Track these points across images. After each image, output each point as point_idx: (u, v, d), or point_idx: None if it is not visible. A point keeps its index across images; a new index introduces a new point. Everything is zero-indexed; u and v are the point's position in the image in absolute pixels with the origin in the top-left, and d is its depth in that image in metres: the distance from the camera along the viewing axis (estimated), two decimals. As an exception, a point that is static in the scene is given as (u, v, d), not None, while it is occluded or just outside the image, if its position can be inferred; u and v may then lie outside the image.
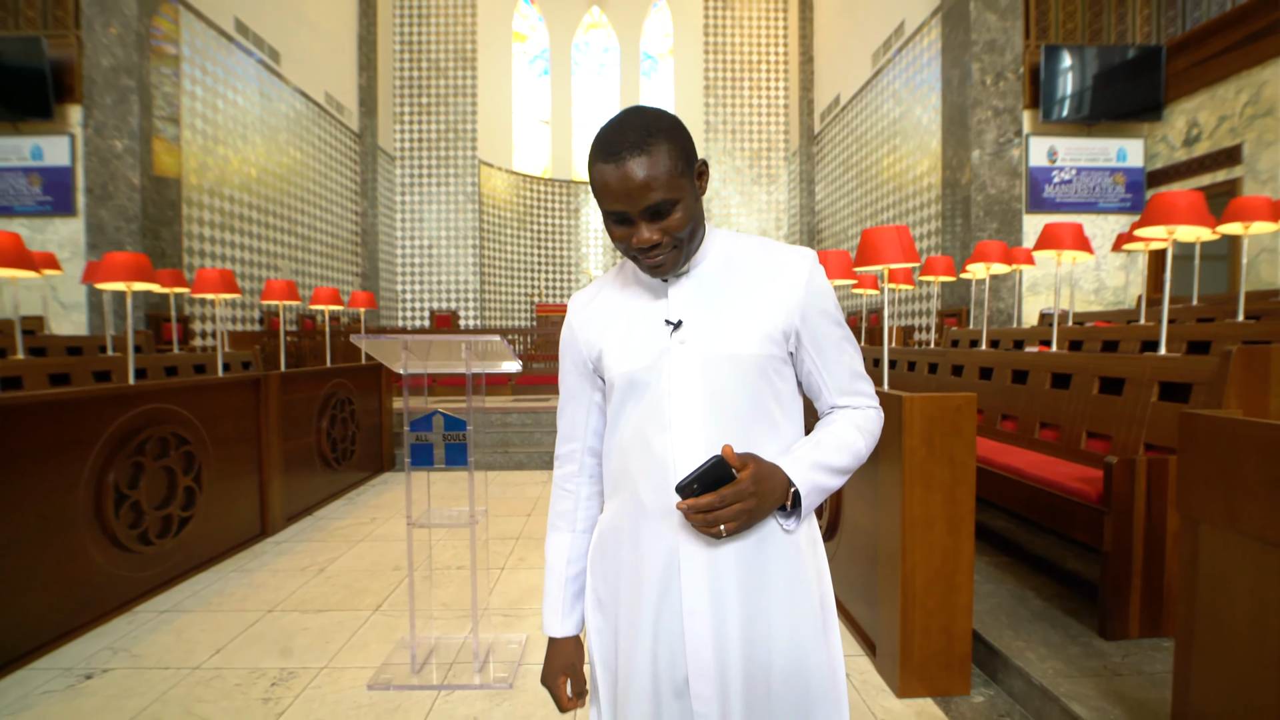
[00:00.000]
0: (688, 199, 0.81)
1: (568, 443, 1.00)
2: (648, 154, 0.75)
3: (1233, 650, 1.38)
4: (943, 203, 7.52)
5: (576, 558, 0.98)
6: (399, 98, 13.62)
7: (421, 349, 2.21)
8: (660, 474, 0.83)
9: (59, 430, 2.52)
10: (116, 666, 2.33)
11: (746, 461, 0.77)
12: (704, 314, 0.86)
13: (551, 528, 1.01)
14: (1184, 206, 2.58)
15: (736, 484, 0.75)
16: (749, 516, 0.77)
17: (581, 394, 0.97)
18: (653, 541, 0.85)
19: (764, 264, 0.89)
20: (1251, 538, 1.32)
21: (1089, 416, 2.68)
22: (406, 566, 3.34)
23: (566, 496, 1.00)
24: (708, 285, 0.88)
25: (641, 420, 0.86)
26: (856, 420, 0.91)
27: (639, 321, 0.89)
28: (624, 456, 0.89)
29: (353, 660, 2.37)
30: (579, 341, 0.94)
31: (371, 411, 5.48)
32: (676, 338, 0.86)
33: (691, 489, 0.75)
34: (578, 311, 0.97)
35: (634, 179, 0.76)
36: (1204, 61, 6.32)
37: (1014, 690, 2.03)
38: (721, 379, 0.84)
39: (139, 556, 2.87)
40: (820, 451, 0.85)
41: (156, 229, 6.90)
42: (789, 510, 0.84)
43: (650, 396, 0.85)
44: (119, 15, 6.66)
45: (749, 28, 13.98)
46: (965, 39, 6.95)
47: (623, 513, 0.89)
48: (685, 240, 0.83)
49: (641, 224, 0.80)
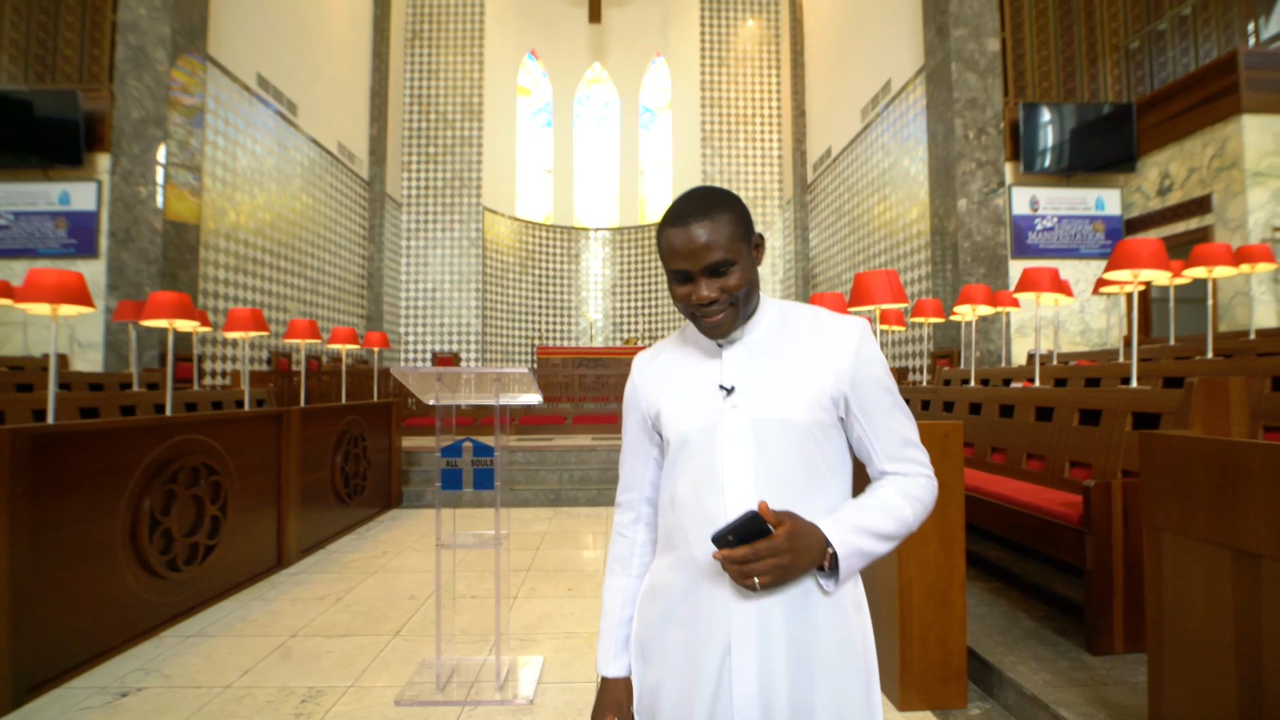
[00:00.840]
0: (744, 263, 0.88)
1: (627, 491, 1.05)
2: (710, 220, 0.85)
3: (1196, 646, 1.54)
4: (932, 249, 7.84)
5: (629, 601, 1.01)
6: (407, 147, 14.14)
7: (453, 381, 2.39)
8: (713, 532, 0.84)
9: (105, 457, 2.67)
10: (150, 686, 2.43)
11: (783, 519, 0.80)
12: (756, 379, 0.90)
13: (609, 571, 1.05)
14: (1146, 253, 2.83)
15: (771, 539, 0.78)
16: (782, 572, 0.79)
17: (640, 448, 1.03)
18: (705, 598, 0.87)
19: (814, 331, 0.93)
20: (1203, 541, 1.50)
21: (1071, 446, 2.87)
22: (422, 596, 3.44)
23: (624, 542, 1.04)
24: (760, 351, 0.93)
25: (696, 480, 0.89)
26: (905, 487, 0.92)
27: (695, 384, 0.94)
28: (678, 513, 0.92)
29: (377, 680, 2.47)
30: (640, 398, 1.00)
31: (382, 449, 5.61)
32: (729, 402, 0.90)
33: (727, 540, 0.78)
34: (641, 370, 1.02)
35: (696, 240, 0.85)
36: (1172, 118, 6.73)
37: (1008, 703, 2.15)
38: (772, 443, 0.87)
39: (167, 582, 2.99)
40: (862, 514, 0.87)
41: (175, 271, 7.14)
42: (827, 571, 0.86)
43: (703, 457, 0.89)
44: (150, 70, 7.05)
45: (744, 83, 14.65)
46: (948, 96, 7.39)
47: (676, 566, 0.92)
48: (741, 301, 0.89)
49: (701, 281, 0.87)
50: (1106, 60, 7.64)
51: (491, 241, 14.54)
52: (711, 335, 0.91)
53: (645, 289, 15.93)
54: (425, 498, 5.96)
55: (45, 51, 7.29)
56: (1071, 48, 7.66)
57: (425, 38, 14.21)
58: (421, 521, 5.27)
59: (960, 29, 7.32)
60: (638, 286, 15.99)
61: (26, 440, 2.31)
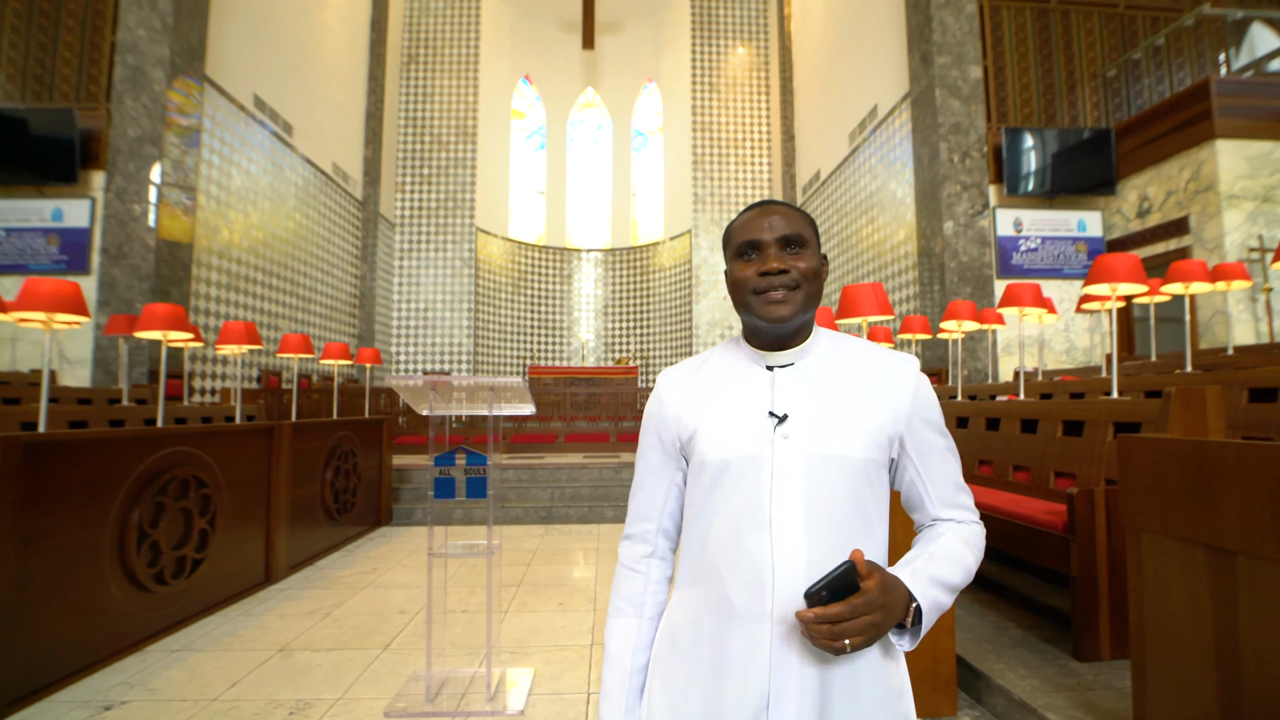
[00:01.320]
0: (815, 259, 0.85)
1: (641, 522, 0.95)
2: (793, 209, 0.87)
3: (1177, 644, 1.57)
4: (919, 269, 7.97)
5: (643, 647, 0.91)
6: (402, 168, 14.26)
7: (446, 391, 2.41)
8: (753, 573, 0.79)
9: (95, 467, 2.66)
10: (134, 699, 2.40)
11: (873, 570, 0.73)
12: (810, 410, 0.84)
13: (615, 611, 0.94)
14: (1122, 267, 2.92)
15: (865, 594, 0.71)
16: (875, 631, 0.72)
17: (663, 473, 0.93)
18: (739, 645, 0.79)
19: (870, 366, 0.88)
20: (1181, 540, 1.54)
21: (1056, 457, 2.91)
22: (412, 611, 3.42)
23: (635, 578, 0.94)
24: (814, 379, 0.87)
25: (736, 513, 0.82)
26: (965, 535, 0.87)
27: (740, 408, 0.86)
28: (709, 549, 0.83)
29: (366, 692, 2.45)
30: (669, 418, 0.91)
31: (372, 466, 5.58)
32: (780, 431, 0.83)
33: (820, 597, 0.70)
34: (672, 387, 0.93)
35: (774, 214, 0.85)
36: (1149, 142, 6.93)
37: (997, 709, 2.17)
38: (825, 479, 0.81)
39: (153, 596, 2.95)
40: (936, 566, 0.81)
41: (167, 288, 7.14)
42: (905, 627, 0.79)
43: (746, 489, 0.82)
44: (148, 90, 7.12)
45: (734, 108, 14.93)
46: (933, 121, 7.57)
47: (705, 609, 0.83)
48: (806, 290, 0.84)
49: (772, 251, 0.83)
50: (1085, 87, 7.88)
51: (484, 262, 14.62)
52: (772, 317, 0.83)
53: (637, 310, 16.02)
54: (416, 515, 5.92)
55: (43, 71, 7.36)
56: (1051, 75, 7.89)
57: (421, 62, 14.42)
58: (411, 539, 5.23)
59: (944, 57, 7.53)
60: (630, 307, 16.08)
61: (18, 448, 2.31)
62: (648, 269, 15.99)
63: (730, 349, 0.94)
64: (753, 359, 0.90)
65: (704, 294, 14.49)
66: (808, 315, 0.87)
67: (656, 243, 15.90)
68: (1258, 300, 6.14)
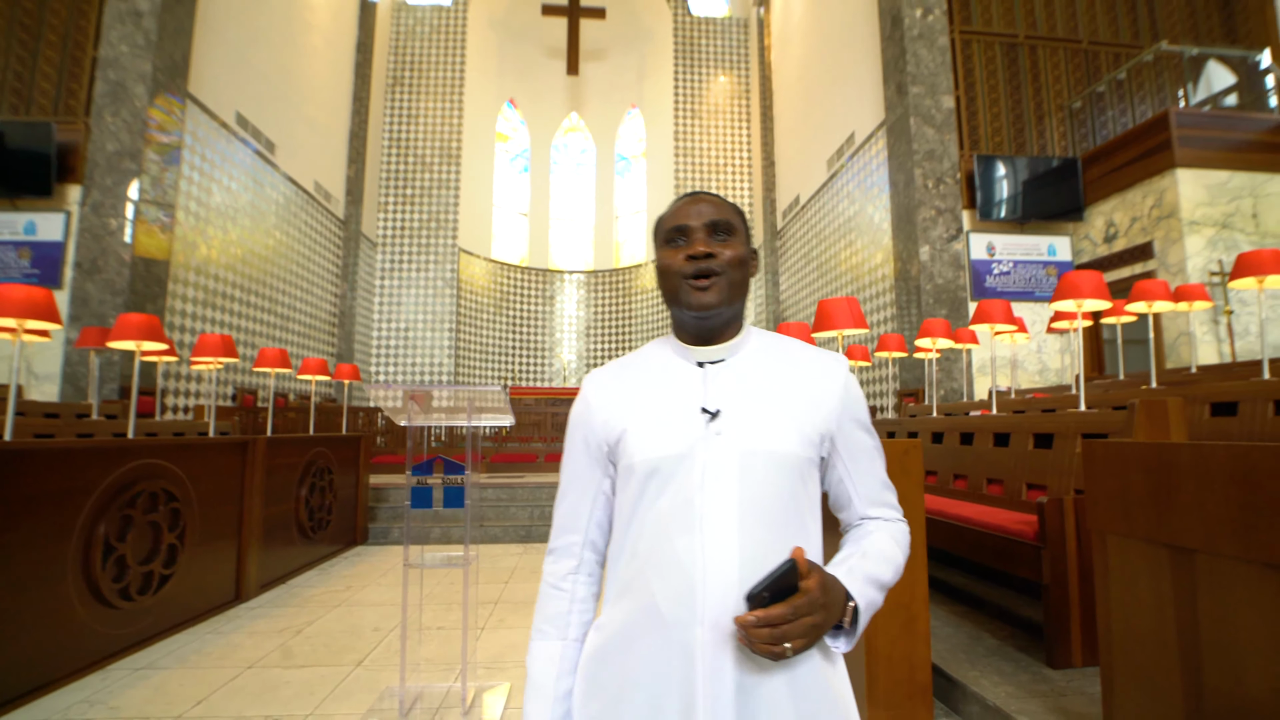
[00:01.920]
0: (742, 248, 0.85)
1: (566, 534, 0.89)
2: (723, 200, 0.87)
3: (1142, 643, 1.60)
4: (896, 291, 8.13)
5: (567, 671, 0.85)
6: (384, 188, 14.28)
7: (425, 401, 2.41)
8: (683, 579, 0.74)
9: (62, 478, 2.60)
10: (95, 717, 2.32)
11: (812, 569, 0.70)
12: (743, 405, 0.81)
13: (538, 634, 0.87)
14: (1086, 284, 3.02)
15: (807, 594, 0.68)
16: (816, 632, 0.69)
17: (590, 480, 0.89)
18: (669, 656, 0.74)
19: (802, 363, 0.87)
20: (1143, 540, 1.58)
21: (1027, 469, 2.97)
22: (386, 629, 3.36)
23: (559, 597, 0.87)
24: (746, 376, 0.85)
25: (665, 516, 0.78)
26: (893, 533, 0.87)
27: (671, 406, 0.83)
28: (639, 556, 0.79)
29: (338, 708, 2.39)
30: (596, 421, 0.87)
31: (349, 484, 5.50)
32: (713, 428, 0.80)
33: (762, 598, 0.67)
34: (598, 389, 0.89)
35: (703, 202, 0.85)
36: (1114, 171, 7.19)
37: (972, 716, 2.18)
38: (758, 477, 0.78)
39: (118, 613, 2.87)
40: (870, 564, 0.80)
41: (142, 303, 7.03)
42: (842, 627, 0.76)
43: (677, 489, 0.78)
44: (129, 105, 7.09)
45: (716, 134, 15.22)
46: (908, 149, 7.79)
47: (632, 621, 0.78)
48: (731, 278, 0.83)
49: (699, 235, 0.83)
50: (1052, 118, 8.17)
51: (466, 282, 14.61)
52: (698, 304, 0.81)
53: (619, 331, 16.08)
54: (392, 535, 5.82)
55: (21, 84, 7.30)
56: (1020, 105, 8.18)
57: (406, 84, 14.54)
58: (387, 557, 5.14)
59: (917, 87, 7.78)
60: (612, 329, 16.13)
61: (-19, 456, 2.26)
62: (630, 291, 16.09)
63: (660, 347, 0.91)
64: (683, 355, 0.87)
65: (686, 315, 14.60)
66: (736, 306, 0.85)
67: (639, 265, 16.03)
68: (1219, 322, 6.35)
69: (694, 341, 0.87)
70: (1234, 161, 6.47)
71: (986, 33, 8.23)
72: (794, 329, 3.11)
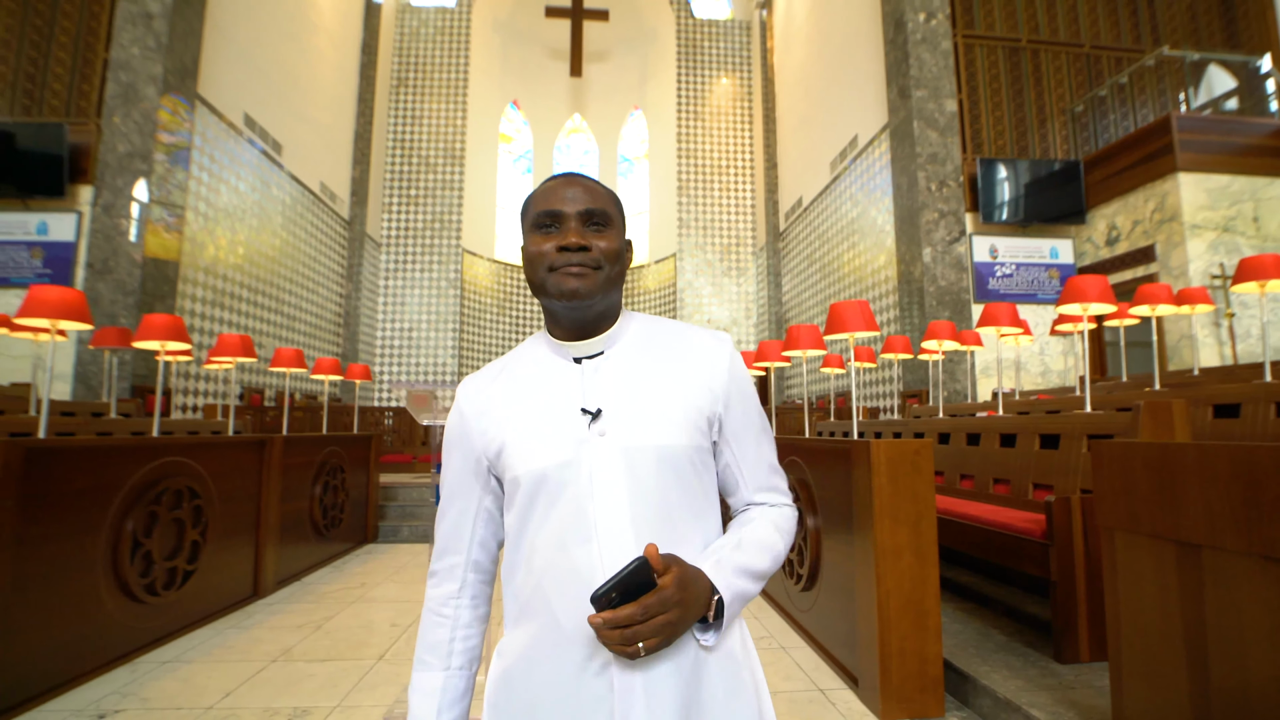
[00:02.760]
0: (618, 240, 0.80)
1: (447, 556, 0.84)
2: (599, 185, 0.81)
3: (1149, 637, 1.67)
4: (899, 293, 8.19)
5: (450, 703, 0.80)
6: (389, 189, 14.35)
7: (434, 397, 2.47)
8: (583, 591, 0.70)
9: (93, 474, 2.67)
10: (128, 708, 2.39)
11: (669, 564, 0.68)
12: (625, 401, 0.78)
13: (420, 664, 0.82)
14: (1092, 289, 3.08)
15: (660, 591, 0.66)
16: (671, 630, 0.67)
17: (469, 496, 0.84)
18: (579, 676, 0.72)
19: (683, 347, 0.83)
20: (1150, 536, 1.65)
21: (1034, 469, 3.04)
22: (404, 624, 3.42)
23: (441, 624, 0.83)
24: (626, 369, 0.81)
25: (557, 528, 0.74)
26: (775, 519, 0.84)
27: (550, 410, 0.79)
28: (534, 574, 0.75)
29: (364, 700, 2.46)
30: (472, 433, 0.82)
31: (360, 483, 5.56)
32: (595, 429, 0.76)
33: (610, 599, 0.65)
34: (472, 398, 0.83)
35: (579, 186, 0.79)
36: (1116, 174, 7.26)
37: (983, 709, 2.24)
38: (648, 474, 0.75)
39: (144, 607, 2.93)
40: (742, 554, 0.77)
41: (152, 303, 7.10)
42: (709, 621, 0.73)
43: (567, 499, 0.74)
44: (139, 106, 7.16)
45: (718, 136, 15.29)
46: (911, 151, 7.86)
47: (536, 641, 0.75)
48: (607, 272, 0.78)
49: (573, 225, 0.77)
50: (1054, 121, 8.24)
51: (470, 283, 14.68)
52: (567, 292, 0.76)
53: (622, 331, 16.12)
54: (401, 533, 5.89)
55: (34, 85, 7.37)
56: (1023, 109, 8.25)
57: (410, 85, 14.60)
58: (398, 555, 5.21)
59: (921, 90, 7.85)
60: (614, 328, 16.18)
61: (20, 452, 2.32)
62: (633, 292, 16.16)
63: (534, 345, 0.86)
64: (558, 353, 0.83)
65: (688, 316, 14.67)
66: (610, 299, 0.81)
67: (641, 266, 16.10)
68: (1221, 325, 6.41)
69: (568, 337, 0.82)
70: (1235, 165, 6.53)
71: (989, 37, 8.30)
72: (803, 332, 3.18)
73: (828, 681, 2.62)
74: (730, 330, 15.00)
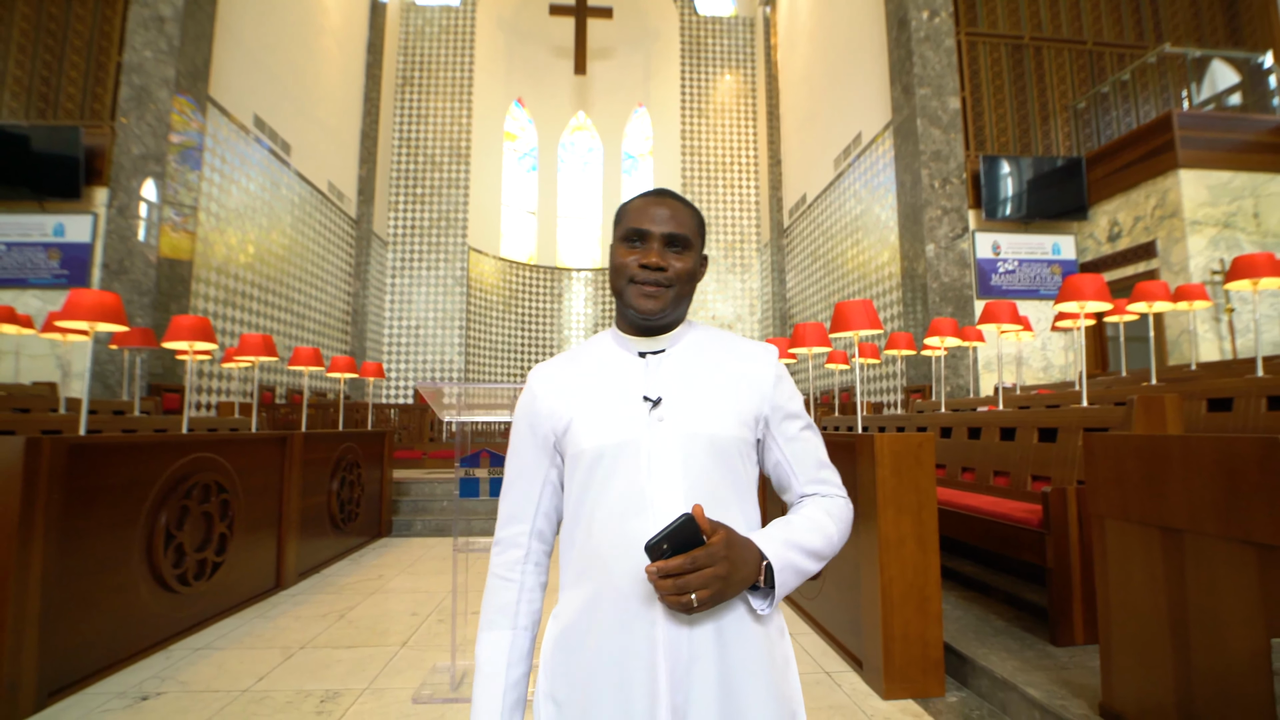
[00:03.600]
0: (694, 260, 0.90)
1: (513, 524, 0.92)
2: (686, 207, 0.90)
3: (1137, 618, 1.77)
4: (903, 289, 8.28)
5: (519, 659, 0.87)
6: (395, 187, 14.46)
7: (466, 396, 2.58)
8: (638, 558, 0.77)
9: (131, 469, 2.79)
10: (168, 691, 2.51)
11: (717, 527, 0.75)
12: (682, 392, 0.87)
13: (487, 624, 0.90)
14: (1089, 287, 3.18)
15: (708, 546, 0.72)
16: (721, 585, 0.73)
17: (537, 470, 0.92)
18: (630, 631, 0.79)
19: (735, 352, 0.93)
20: (1138, 523, 1.75)
21: (1032, 462, 3.14)
22: (423, 613, 3.54)
23: (508, 587, 0.90)
24: (684, 366, 0.90)
25: (616, 500, 0.82)
26: (825, 505, 0.90)
27: (614, 395, 0.88)
28: (592, 541, 0.83)
29: (391, 683, 2.58)
30: (542, 411, 0.90)
31: (374, 479, 5.69)
32: (655, 415, 0.85)
33: (660, 549, 0.71)
34: (543, 380, 0.93)
35: (667, 209, 0.88)
36: (1118, 171, 7.32)
37: (981, 689, 2.35)
38: (700, 458, 0.83)
39: (177, 597, 3.06)
40: (791, 530, 0.83)
41: (167, 303, 7.23)
42: (760, 588, 0.81)
43: (625, 475, 0.83)
44: (153, 109, 7.28)
45: (722, 133, 15.35)
46: (914, 149, 7.93)
47: (594, 602, 0.82)
48: (679, 291, 0.89)
49: (656, 247, 0.87)
50: (1057, 118, 8.30)
51: (476, 280, 14.79)
52: (641, 309, 0.87)
53: (627, 327, 16.21)
54: (415, 527, 6.02)
55: (48, 89, 7.49)
56: (1025, 106, 8.31)
57: (416, 84, 14.70)
58: (412, 549, 5.33)
59: (924, 88, 7.92)
60: (619, 325, 16.28)
61: (64, 449, 2.44)
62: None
63: (602, 340, 0.96)
64: (625, 347, 0.93)
65: (693, 313, 14.77)
66: (678, 311, 0.91)
67: (646, 262, 16.15)
68: (1221, 320, 6.49)
69: (636, 334, 0.92)
70: (1236, 162, 6.60)
71: (992, 34, 8.36)
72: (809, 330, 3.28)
73: (833, 665, 2.73)
74: (734, 327, 15.09)
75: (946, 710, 2.28)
